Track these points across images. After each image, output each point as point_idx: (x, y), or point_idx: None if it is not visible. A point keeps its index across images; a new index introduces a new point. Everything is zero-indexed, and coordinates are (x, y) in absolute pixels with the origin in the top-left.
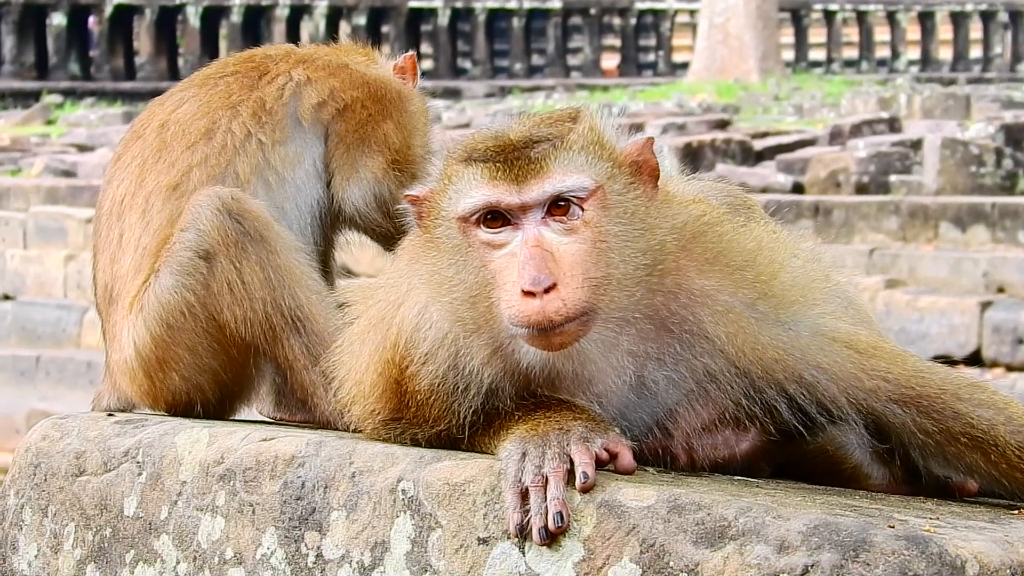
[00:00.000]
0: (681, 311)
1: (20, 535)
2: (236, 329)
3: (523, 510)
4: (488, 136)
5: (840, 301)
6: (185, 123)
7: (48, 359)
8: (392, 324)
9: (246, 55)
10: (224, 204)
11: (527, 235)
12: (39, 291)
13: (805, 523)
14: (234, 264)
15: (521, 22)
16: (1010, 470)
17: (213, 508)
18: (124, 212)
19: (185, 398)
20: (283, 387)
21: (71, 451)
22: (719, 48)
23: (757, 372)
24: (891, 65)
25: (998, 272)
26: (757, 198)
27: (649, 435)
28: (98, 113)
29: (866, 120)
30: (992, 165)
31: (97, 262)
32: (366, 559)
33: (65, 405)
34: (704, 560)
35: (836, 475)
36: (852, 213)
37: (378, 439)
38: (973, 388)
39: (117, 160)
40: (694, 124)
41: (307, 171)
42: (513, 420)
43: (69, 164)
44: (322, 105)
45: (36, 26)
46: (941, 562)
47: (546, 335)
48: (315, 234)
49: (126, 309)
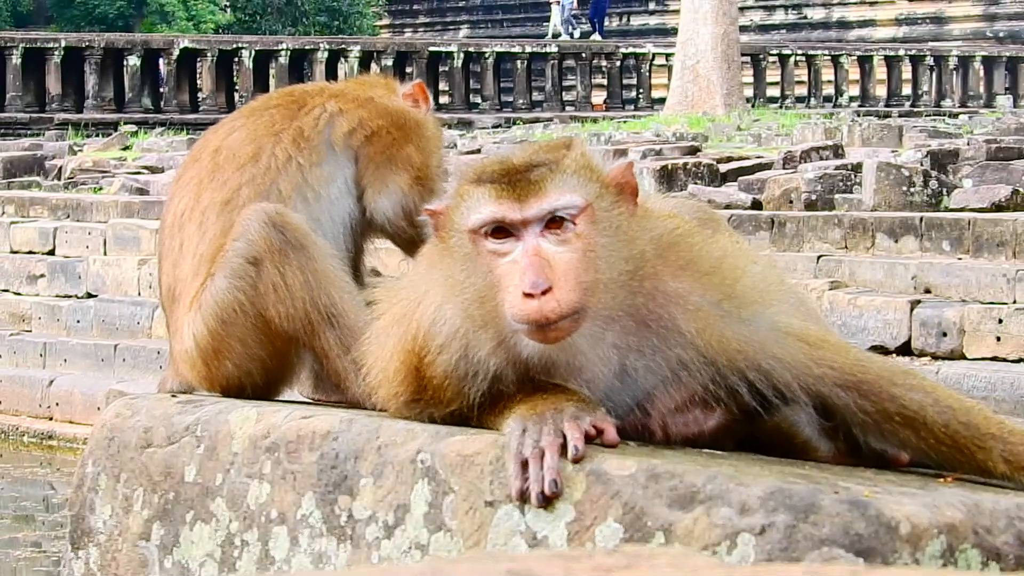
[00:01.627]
0: (658, 310)
1: (96, 498)
2: (280, 324)
3: (523, 478)
4: (495, 161)
5: (793, 301)
6: (235, 148)
7: (124, 348)
8: (412, 320)
9: (287, 91)
10: (269, 218)
11: (527, 245)
12: (116, 290)
13: (763, 489)
14: (278, 268)
15: (524, 64)
16: (937, 444)
17: (260, 475)
18: (184, 224)
19: (237, 382)
20: (320, 373)
21: (140, 427)
22: (690, 86)
23: (722, 361)
24: (835, 101)
25: (925, 275)
26: (722, 213)
27: (630, 414)
28: (167, 140)
29: (814, 147)
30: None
31: (162, 267)
32: (390, 519)
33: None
34: (677, 520)
35: (789, 448)
36: (802, 226)
37: (401, 417)
38: (906, 375)
39: (178, 180)
40: (669, 150)
41: (339, 188)
42: (515, 402)
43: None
44: (352, 132)
45: (115, 67)
46: (879, 523)
47: (543, 331)
48: (347, 242)
49: (187, 307)
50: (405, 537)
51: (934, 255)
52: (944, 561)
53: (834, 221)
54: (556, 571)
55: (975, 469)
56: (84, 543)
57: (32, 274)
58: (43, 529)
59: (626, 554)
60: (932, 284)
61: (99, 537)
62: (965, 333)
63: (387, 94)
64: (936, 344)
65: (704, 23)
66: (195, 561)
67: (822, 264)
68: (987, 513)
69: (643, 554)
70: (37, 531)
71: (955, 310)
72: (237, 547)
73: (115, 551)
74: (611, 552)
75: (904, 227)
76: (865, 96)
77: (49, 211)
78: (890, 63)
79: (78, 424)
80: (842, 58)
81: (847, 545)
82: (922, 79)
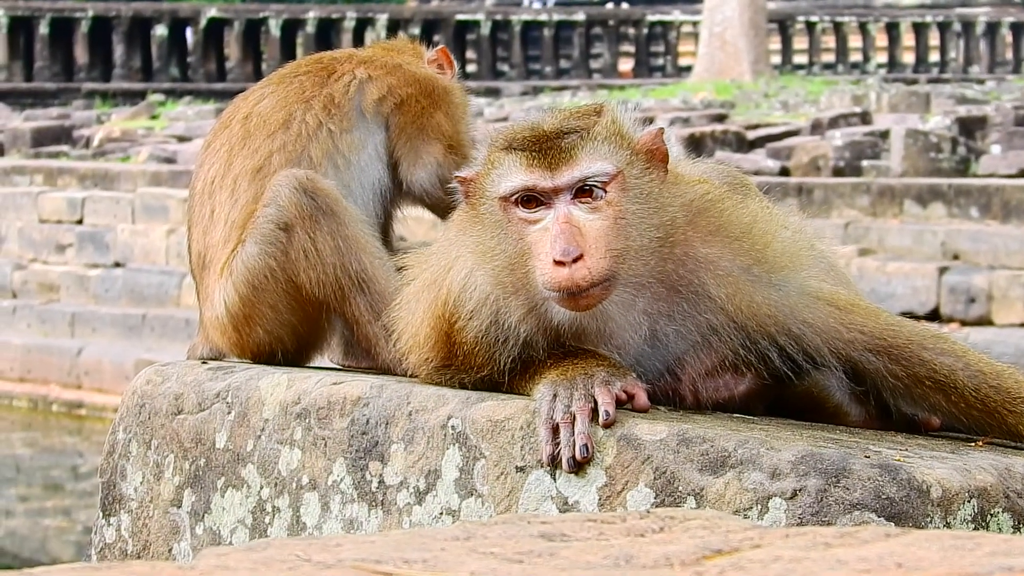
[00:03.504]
0: (688, 275)
1: (128, 465)
2: (311, 289)
3: (554, 443)
4: (525, 127)
5: (822, 266)
6: (266, 115)
7: (153, 316)
8: (443, 285)
9: (315, 58)
10: (300, 183)
11: (558, 213)
12: (145, 259)
13: (794, 454)
14: (309, 234)
15: (551, 32)
16: (967, 408)
17: (291, 441)
18: (215, 191)
19: (268, 348)
20: (350, 339)
21: (171, 393)
22: (718, 53)
23: (752, 326)
24: (863, 68)
25: (953, 242)
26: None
27: (660, 380)
28: (194, 109)
29: (842, 114)
30: (948, 152)
31: (191, 234)
32: (421, 485)
33: (168, 355)
34: (708, 485)
35: (820, 413)
36: (830, 192)
37: (431, 383)
38: (936, 339)
39: (208, 147)
40: (697, 118)
41: (369, 155)
42: (545, 367)
43: (170, 152)
44: (382, 100)
45: (142, 36)
46: (910, 487)
47: (574, 298)
48: (376, 208)
49: (217, 274)
50: (436, 503)
51: (962, 221)
52: (976, 525)
53: (862, 188)
54: (589, 534)
55: (1006, 433)
56: (115, 510)
57: (60, 244)
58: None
59: (659, 517)
60: (960, 250)
61: (130, 504)
62: (993, 299)
63: (414, 60)
64: (964, 310)
65: None
66: (226, 527)
67: (850, 231)
68: (1019, 477)
69: (676, 517)
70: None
71: (983, 276)
72: (268, 513)
73: (146, 518)
74: (644, 515)
75: (932, 193)
76: (892, 63)
77: (77, 180)
78: (918, 29)
79: (107, 393)
80: (869, 24)
81: (878, 509)
82: (950, 45)
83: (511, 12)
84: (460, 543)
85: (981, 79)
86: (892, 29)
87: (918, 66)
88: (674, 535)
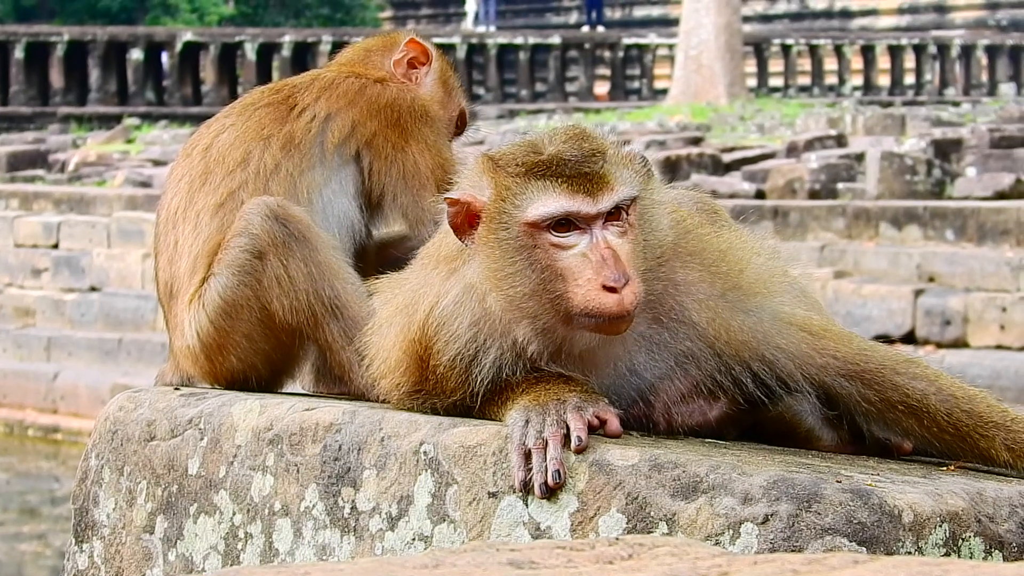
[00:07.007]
0: (670, 300)
1: (100, 491)
2: (284, 316)
3: (526, 468)
4: (531, 151)
5: (795, 291)
6: (224, 151)
7: (129, 341)
8: (418, 309)
9: (276, 87)
10: (271, 210)
11: (597, 239)
12: (121, 283)
13: (766, 479)
14: (281, 261)
15: (526, 55)
16: (940, 432)
17: (264, 468)
18: (178, 223)
19: (241, 376)
20: (323, 365)
21: (143, 420)
22: (693, 76)
23: (728, 352)
24: (838, 90)
25: (929, 264)
26: (726, 203)
27: (634, 405)
28: (170, 133)
29: (817, 137)
30: (924, 174)
31: (158, 262)
32: (393, 510)
33: (144, 379)
34: (680, 510)
35: (792, 438)
36: (806, 215)
37: (403, 408)
38: (909, 363)
39: (171, 174)
40: (672, 140)
41: (333, 191)
42: (517, 392)
43: (146, 176)
44: (346, 141)
45: (118, 60)
46: (881, 511)
47: (617, 322)
48: (344, 241)
49: (186, 304)
50: (408, 528)
51: (938, 244)
52: (947, 550)
53: (838, 210)
54: (557, 561)
55: (978, 457)
56: (88, 536)
57: (36, 268)
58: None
59: (628, 544)
60: (936, 273)
61: (103, 530)
62: (969, 322)
63: (382, 73)
64: (940, 333)
65: (707, 13)
66: (199, 554)
67: (826, 253)
68: (990, 502)
69: (645, 544)
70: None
71: (959, 299)
72: (241, 539)
73: (119, 544)
74: (613, 542)
75: (908, 216)
76: (868, 85)
77: (53, 205)
78: (893, 52)
79: (83, 417)
80: (845, 47)
81: (850, 534)
82: (925, 68)
83: (486, 36)
84: (429, 571)
85: (956, 101)
86: (868, 52)
87: (893, 89)
88: (643, 562)
